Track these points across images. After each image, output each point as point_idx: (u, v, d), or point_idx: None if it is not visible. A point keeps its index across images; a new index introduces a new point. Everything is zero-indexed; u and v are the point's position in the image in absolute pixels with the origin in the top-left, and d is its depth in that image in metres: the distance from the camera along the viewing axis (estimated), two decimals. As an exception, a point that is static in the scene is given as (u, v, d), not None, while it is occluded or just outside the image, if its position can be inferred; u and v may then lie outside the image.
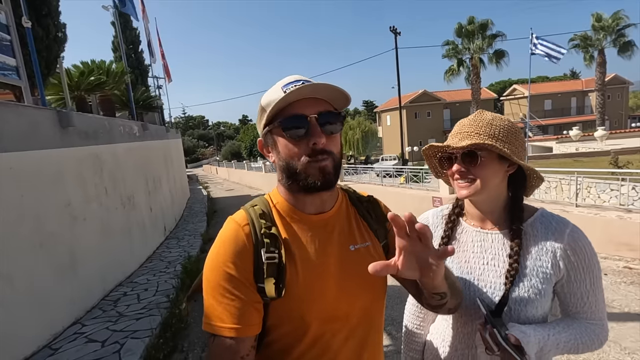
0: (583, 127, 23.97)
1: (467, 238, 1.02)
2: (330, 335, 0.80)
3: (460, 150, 0.92)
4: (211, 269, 0.76)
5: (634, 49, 24.12)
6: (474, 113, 0.98)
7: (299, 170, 0.76)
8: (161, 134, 10.37)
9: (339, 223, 0.86)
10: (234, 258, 0.74)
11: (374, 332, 0.88)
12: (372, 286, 0.85)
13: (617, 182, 6.26)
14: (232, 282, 0.73)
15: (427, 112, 35.25)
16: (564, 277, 0.91)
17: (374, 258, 0.87)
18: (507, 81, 50.13)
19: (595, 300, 0.91)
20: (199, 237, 7.99)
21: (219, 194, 18.40)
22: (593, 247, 0.91)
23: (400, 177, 10.96)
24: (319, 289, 0.78)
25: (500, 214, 0.99)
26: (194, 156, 59.99)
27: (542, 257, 0.91)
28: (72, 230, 4.21)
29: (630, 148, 13.83)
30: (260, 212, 0.81)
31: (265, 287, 0.74)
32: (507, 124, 0.93)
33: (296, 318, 0.77)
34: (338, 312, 0.80)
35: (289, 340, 0.79)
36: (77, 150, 4.58)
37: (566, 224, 0.93)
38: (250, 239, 0.77)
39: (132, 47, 14.22)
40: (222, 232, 0.80)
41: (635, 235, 4.78)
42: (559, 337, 0.88)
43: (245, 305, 0.73)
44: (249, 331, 0.74)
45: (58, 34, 5.06)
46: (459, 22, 24.63)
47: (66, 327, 3.79)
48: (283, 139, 0.78)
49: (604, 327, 0.93)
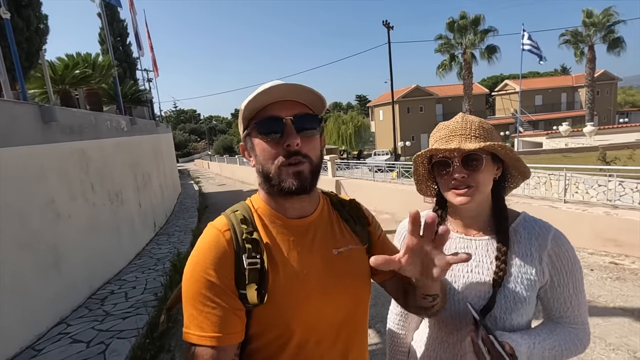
0: (572, 123, 24.27)
1: (450, 245, 0.99)
2: (315, 342, 0.78)
3: (465, 152, 0.85)
4: (191, 278, 0.73)
5: (623, 45, 24.38)
6: (459, 115, 0.94)
7: (273, 174, 0.76)
8: (151, 128, 10.20)
9: (321, 227, 0.85)
10: (214, 265, 0.72)
11: (359, 334, 0.87)
12: (356, 289, 0.85)
13: (605, 178, 6.34)
14: (213, 289, 0.71)
15: (420, 107, 35.31)
16: (547, 282, 0.89)
17: (358, 261, 0.87)
18: (498, 76, 50.37)
19: (578, 304, 0.90)
20: (189, 233, 7.92)
21: (210, 189, 18.25)
22: (575, 251, 0.89)
23: (392, 172, 10.97)
24: (302, 294, 0.76)
25: (485, 219, 0.96)
26: (186, 150, 59.39)
27: (527, 264, 0.89)
28: (56, 227, 4.11)
29: (618, 144, 14.02)
30: (242, 218, 0.79)
31: (247, 294, 0.72)
32: (490, 126, 0.92)
33: (280, 325, 0.75)
34: (322, 316, 0.78)
35: (272, 348, 0.77)
36: (60, 146, 4.46)
37: (549, 229, 0.91)
38: (231, 245, 0.75)
39: (119, 40, 13.93)
40: (202, 238, 0.77)
41: (622, 231, 4.84)
42: (544, 345, 0.86)
43: (226, 313, 0.71)
44: (231, 339, 0.72)
45: (40, 26, 4.92)
46: (451, 17, 24.64)
47: (50, 327, 3.72)
48: (259, 141, 0.77)
49: (586, 331, 0.92)
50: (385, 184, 9.78)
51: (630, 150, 10.79)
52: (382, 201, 9.00)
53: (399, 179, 9.71)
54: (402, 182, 9.36)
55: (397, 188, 9.01)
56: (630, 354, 2.80)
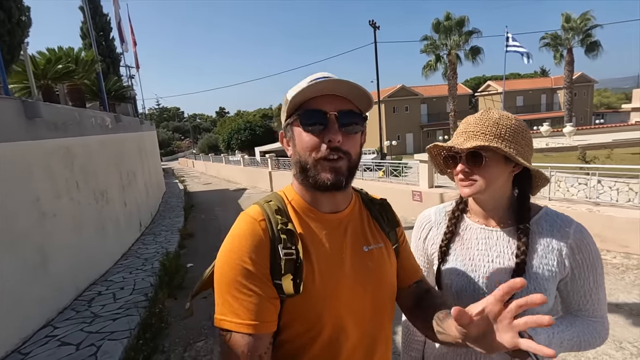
0: (552, 123, 24.98)
1: (471, 235, 1.00)
2: (345, 337, 0.78)
3: (464, 151, 0.90)
4: (226, 264, 0.73)
5: (600, 49, 25.25)
6: (481, 111, 0.95)
7: (310, 166, 0.76)
8: (135, 125, 9.96)
9: (353, 223, 0.86)
10: (250, 253, 0.72)
11: (385, 331, 0.88)
12: (384, 287, 0.86)
13: (585, 176, 6.56)
14: (249, 277, 0.71)
15: (405, 107, 35.69)
16: (568, 275, 0.91)
17: (387, 259, 0.88)
18: (481, 77, 51.43)
19: (597, 298, 0.92)
20: (176, 233, 7.78)
21: (196, 187, 17.97)
22: (596, 245, 0.91)
23: (380, 171, 11.05)
24: (334, 287, 0.77)
25: (505, 212, 0.98)
26: (169, 149, 58.32)
27: (548, 255, 0.91)
28: (41, 226, 3.97)
29: (596, 144, 14.53)
30: (276, 208, 0.79)
31: (282, 284, 0.72)
32: (515, 123, 0.91)
33: (311, 316, 0.75)
34: (352, 311, 0.79)
35: (303, 340, 0.77)
36: (45, 143, 4.31)
37: (570, 222, 0.93)
38: (267, 235, 0.74)
39: (102, 34, 13.50)
40: (236, 226, 0.77)
41: (604, 227, 5.03)
42: (563, 336, 0.88)
43: (262, 301, 0.71)
44: (267, 328, 0.72)
45: (22, 18, 4.72)
46: (437, 18, 24.96)
47: (36, 329, 3.59)
48: (300, 131, 0.77)
49: (604, 325, 0.94)
50: (374, 182, 9.84)
51: (608, 149, 11.20)
52: (371, 199, 9.01)
53: (387, 177, 9.79)
54: (390, 180, 9.44)
55: (386, 187, 9.08)
56: (616, 344, 2.91)
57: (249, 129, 31.83)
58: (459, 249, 1.02)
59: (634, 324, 3.18)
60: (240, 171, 18.86)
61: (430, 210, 1.14)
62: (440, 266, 1.04)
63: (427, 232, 1.11)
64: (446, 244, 1.03)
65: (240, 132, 31.92)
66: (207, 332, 3.65)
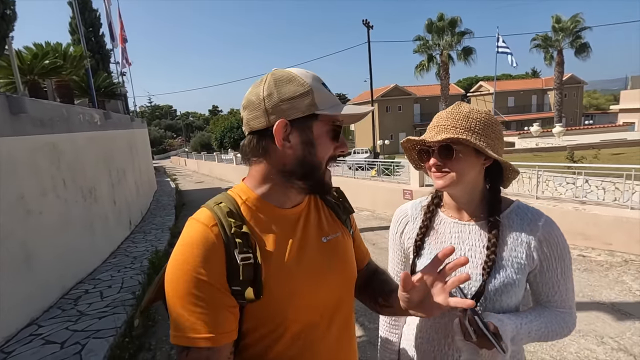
0: (542, 124, 25.28)
1: (445, 229, 1.02)
2: (310, 330, 0.78)
3: (436, 144, 0.92)
4: (178, 277, 0.69)
5: (589, 50, 25.63)
6: (452, 105, 0.97)
7: (322, 170, 0.79)
8: (125, 123, 9.85)
9: (310, 215, 0.86)
10: (204, 262, 0.68)
11: (349, 319, 0.89)
12: (345, 274, 0.87)
13: (573, 175, 6.67)
14: (204, 288, 0.68)
15: (398, 107, 35.87)
16: (537, 267, 0.93)
17: (345, 247, 0.89)
18: (473, 78, 51.87)
19: (565, 289, 0.94)
20: (167, 231, 7.72)
21: (188, 186, 17.85)
22: (565, 238, 0.93)
23: (372, 170, 11.09)
24: (296, 284, 0.76)
25: (477, 206, 0.99)
26: (161, 147, 57.75)
27: (517, 248, 0.93)
28: (26, 224, 3.91)
29: (584, 144, 14.75)
30: (228, 210, 0.74)
31: (243, 290, 0.70)
32: (485, 117, 0.93)
33: (276, 317, 0.74)
34: (317, 304, 0.79)
35: (267, 341, 0.76)
36: (30, 139, 4.24)
37: (540, 216, 0.95)
38: (220, 240, 0.70)
39: (91, 30, 13.32)
40: (186, 234, 0.72)
41: (589, 225, 5.11)
42: (531, 326, 0.90)
43: (220, 312, 0.69)
44: (226, 338, 0.70)
45: (6, 12, 4.64)
46: (429, 18, 25.11)
47: (20, 328, 3.54)
48: (324, 134, 0.77)
49: (572, 315, 0.96)
50: (366, 181, 9.87)
51: (595, 150, 11.38)
52: (362, 198, 9.08)
53: (379, 176, 9.84)
54: (382, 179, 9.48)
55: (378, 185, 9.12)
56: (598, 339, 2.97)
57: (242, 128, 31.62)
58: (433, 243, 1.03)
59: (615, 320, 3.25)
60: (232, 169, 18.78)
61: (406, 205, 1.15)
62: (415, 260, 1.05)
63: (404, 227, 1.12)
64: (421, 238, 1.05)
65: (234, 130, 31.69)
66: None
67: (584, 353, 2.81)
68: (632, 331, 3.05)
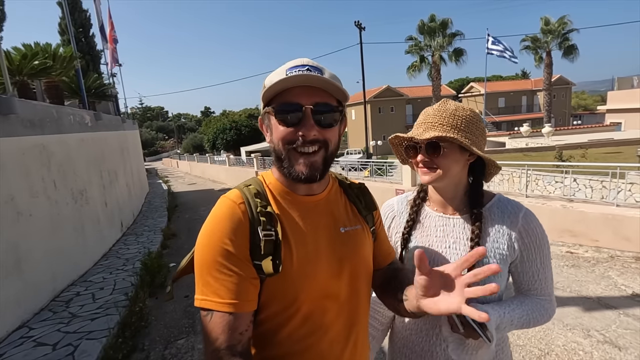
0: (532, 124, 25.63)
1: (430, 223, 1.06)
2: (321, 313, 0.82)
3: (424, 141, 0.95)
4: (206, 246, 0.75)
5: (577, 52, 26.06)
6: (439, 102, 1.01)
7: (284, 157, 0.79)
8: (116, 124, 9.77)
9: (330, 206, 0.89)
10: (230, 234, 0.74)
11: (362, 310, 0.91)
12: (360, 267, 0.89)
13: (561, 174, 6.80)
14: (230, 258, 0.73)
15: (391, 107, 36.04)
16: (517, 257, 0.97)
17: (364, 240, 0.91)
18: (464, 79, 52.38)
19: (545, 277, 0.98)
20: (159, 233, 7.67)
21: (180, 188, 17.73)
22: (544, 229, 0.98)
23: (365, 170, 11.16)
24: (311, 267, 0.80)
25: (461, 200, 1.04)
26: (153, 149, 57.26)
27: (499, 240, 0.97)
28: (16, 226, 3.87)
29: (573, 144, 15.01)
30: (255, 192, 0.81)
31: (262, 264, 0.74)
32: (469, 114, 0.97)
33: (289, 296, 0.78)
34: (329, 290, 0.82)
35: (279, 319, 0.80)
36: (20, 140, 4.20)
37: (520, 208, 0.99)
38: (246, 217, 0.76)
39: (81, 31, 13.20)
40: (216, 209, 0.79)
41: (576, 222, 5.22)
42: (513, 314, 0.94)
43: (242, 281, 0.73)
44: (247, 307, 0.74)
45: (-5, 12, 4.58)
46: (421, 19, 25.31)
47: (11, 331, 3.51)
48: (276, 122, 0.78)
49: (552, 302, 1.01)
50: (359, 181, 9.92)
51: (583, 149, 11.59)
52: (355, 198, 9.09)
53: (372, 176, 9.90)
54: (375, 179, 9.55)
55: (371, 186, 9.12)
56: (584, 332, 3.04)
57: (234, 129, 31.51)
58: (419, 236, 1.07)
59: (601, 314, 3.33)
60: (225, 171, 18.70)
61: (393, 199, 1.19)
62: (402, 253, 1.09)
63: (391, 221, 1.16)
64: (408, 232, 1.09)
65: (226, 131, 31.57)
66: (187, 330, 3.63)
67: (571, 346, 2.88)
68: (617, 324, 3.14)
